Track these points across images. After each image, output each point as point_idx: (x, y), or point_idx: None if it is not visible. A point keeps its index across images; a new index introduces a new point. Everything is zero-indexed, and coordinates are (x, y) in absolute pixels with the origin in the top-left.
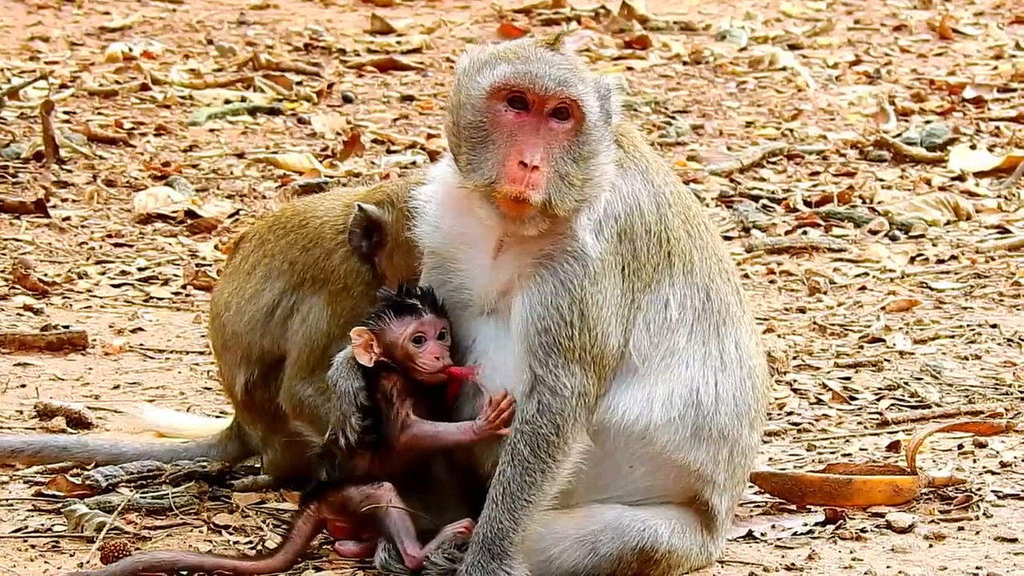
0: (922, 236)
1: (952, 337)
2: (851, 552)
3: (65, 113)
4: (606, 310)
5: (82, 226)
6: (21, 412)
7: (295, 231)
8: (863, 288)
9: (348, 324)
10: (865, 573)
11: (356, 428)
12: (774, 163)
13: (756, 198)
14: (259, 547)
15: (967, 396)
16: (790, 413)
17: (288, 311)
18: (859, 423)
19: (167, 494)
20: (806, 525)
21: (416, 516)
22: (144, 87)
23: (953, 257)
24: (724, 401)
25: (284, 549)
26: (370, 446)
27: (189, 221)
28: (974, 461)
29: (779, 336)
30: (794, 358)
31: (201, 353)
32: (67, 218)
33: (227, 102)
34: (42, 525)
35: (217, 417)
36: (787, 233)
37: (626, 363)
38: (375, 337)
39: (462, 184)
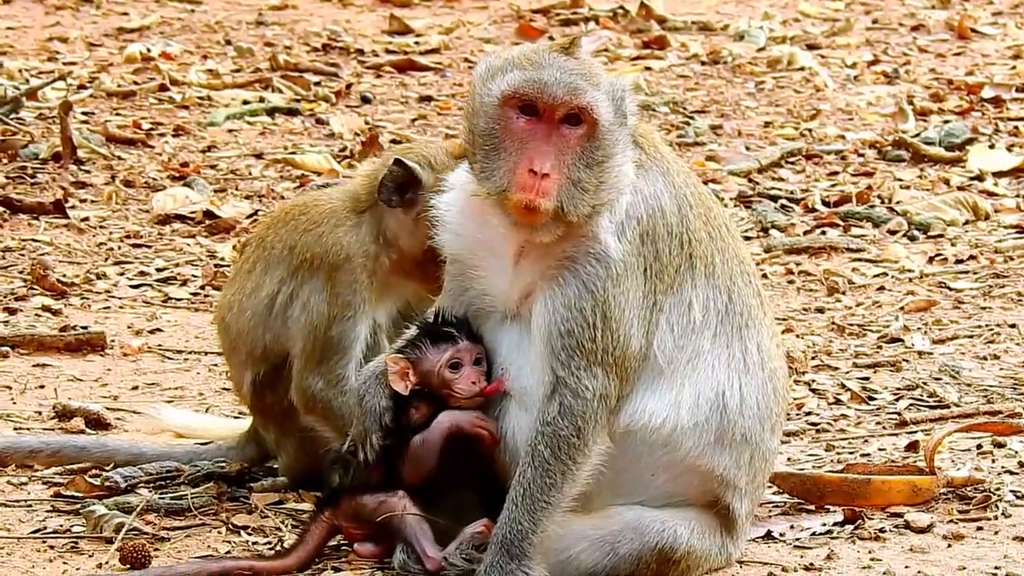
0: (941, 236)
1: (971, 337)
2: (870, 552)
3: (83, 114)
4: (628, 312)
5: (100, 227)
6: (40, 413)
7: (296, 219)
8: (882, 288)
9: (348, 302)
10: (884, 573)
11: (375, 446)
12: (792, 163)
13: (775, 198)
14: (277, 547)
15: (986, 396)
16: (809, 413)
17: (288, 299)
18: (878, 423)
19: (186, 495)
20: (825, 525)
21: (432, 520)
22: (162, 88)
23: (972, 257)
24: (748, 405)
25: (298, 550)
26: (387, 462)
27: (207, 222)
28: (993, 461)
29: (798, 336)
30: (813, 358)
31: (219, 354)
32: (85, 219)
33: (245, 102)
34: (61, 526)
35: (236, 418)
36: (806, 233)
37: (652, 366)
38: (411, 366)
39: (477, 191)
